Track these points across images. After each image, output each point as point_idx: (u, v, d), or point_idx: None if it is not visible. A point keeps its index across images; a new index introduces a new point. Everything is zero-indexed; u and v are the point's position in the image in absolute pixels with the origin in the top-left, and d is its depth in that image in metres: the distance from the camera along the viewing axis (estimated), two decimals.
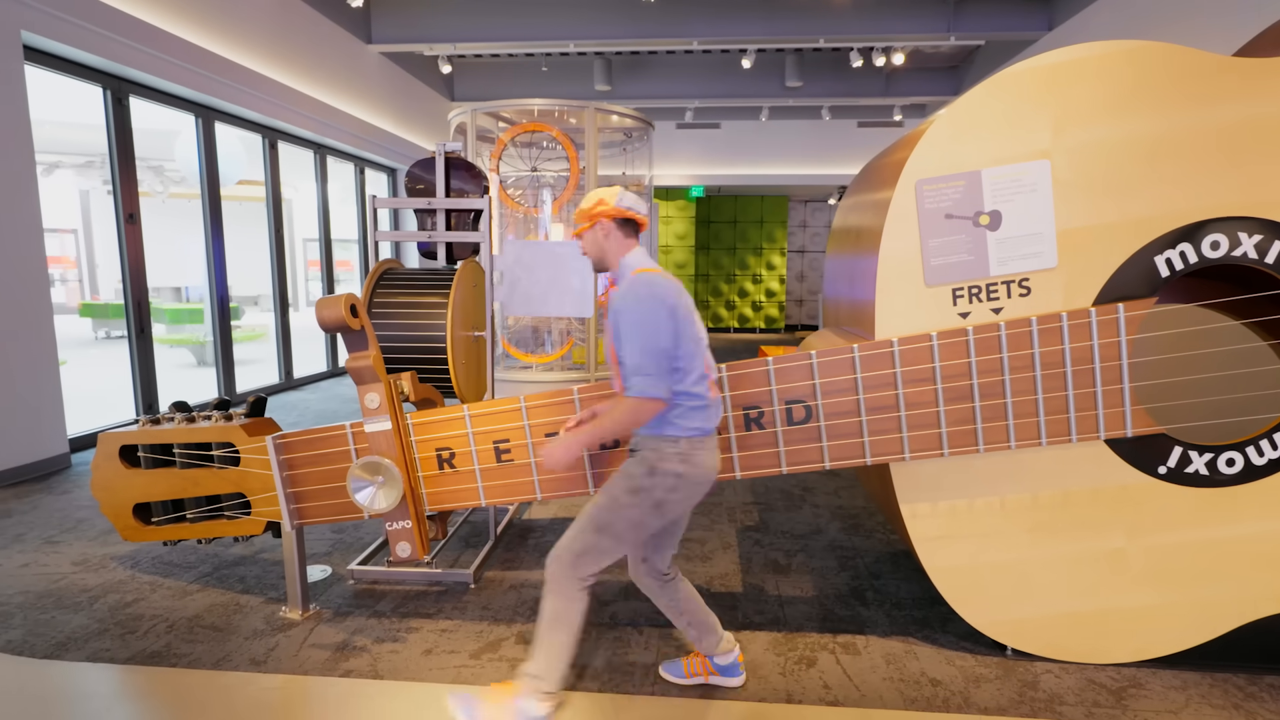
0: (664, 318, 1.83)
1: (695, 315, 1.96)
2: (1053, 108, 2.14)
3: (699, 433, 1.93)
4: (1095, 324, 2.16)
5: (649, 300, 1.84)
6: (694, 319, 1.94)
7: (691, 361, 1.91)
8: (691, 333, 1.91)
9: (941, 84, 10.60)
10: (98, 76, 5.08)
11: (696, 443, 1.93)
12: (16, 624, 2.60)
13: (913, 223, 2.22)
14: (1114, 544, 2.29)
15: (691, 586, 2.23)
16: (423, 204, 3.17)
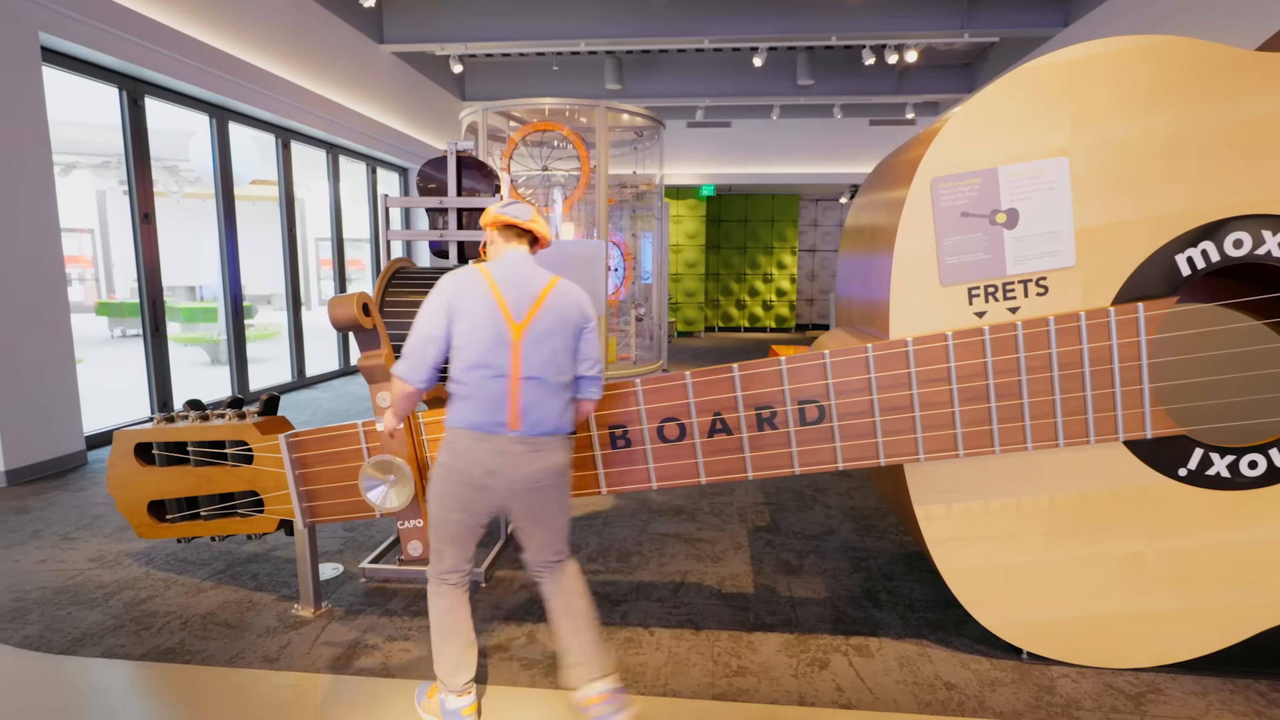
0: (437, 307, 1.91)
1: (497, 310, 1.89)
2: (1071, 104, 2.11)
3: (460, 423, 1.91)
4: (1114, 324, 2.13)
5: (433, 290, 1.96)
6: (491, 313, 1.88)
7: (461, 352, 1.89)
8: (471, 325, 1.88)
9: (955, 82, 10.51)
10: (114, 77, 5.13)
11: (459, 434, 1.91)
12: (34, 619, 2.62)
13: (928, 221, 2.20)
14: (1132, 547, 2.26)
15: (571, 601, 2.03)
16: (434, 203, 3.17)
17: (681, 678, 2.28)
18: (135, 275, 5.50)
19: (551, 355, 1.92)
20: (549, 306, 1.93)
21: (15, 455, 4.23)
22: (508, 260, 2.00)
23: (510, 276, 1.96)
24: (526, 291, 1.94)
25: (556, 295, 1.95)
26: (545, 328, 1.92)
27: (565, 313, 1.95)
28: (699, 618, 2.66)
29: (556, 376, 1.93)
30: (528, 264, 2.01)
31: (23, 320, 4.28)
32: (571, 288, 2.01)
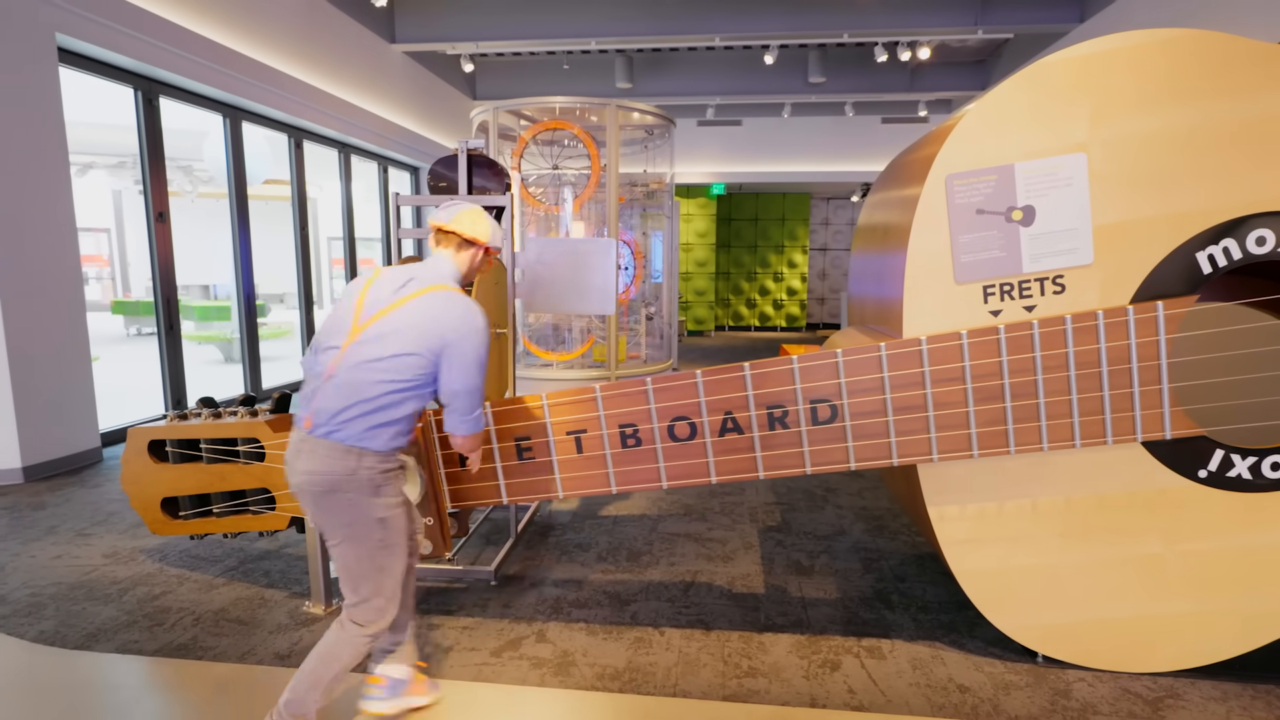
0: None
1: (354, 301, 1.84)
2: (1089, 99, 2.08)
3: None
4: (1133, 322, 2.10)
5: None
6: (348, 308, 1.83)
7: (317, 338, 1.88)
8: (330, 317, 1.86)
9: (968, 79, 10.41)
10: (129, 78, 5.17)
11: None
12: (49, 614, 2.65)
13: (943, 218, 2.17)
14: (1150, 549, 2.22)
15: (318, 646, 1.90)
16: (445, 200, 3.17)
17: (692, 678, 2.26)
18: (150, 274, 5.55)
19: (377, 363, 1.75)
20: (400, 315, 1.78)
21: (32, 452, 4.28)
22: (422, 264, 1.93)
23: (393, 278, 1.85)
24: (389, 295, 1.81)
25: (416, 306, 1.78)
26: (381, 334, 1.77)
27: (421, 326, 1.77)
28: (709, 618, 2.65)
29: (375, 387, 1.75)
30: (428, 269, 1.90)
31: (40, 318, 4.33)
32: (444, 304, 1.79)
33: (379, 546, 1.82)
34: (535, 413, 2.41)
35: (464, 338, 1.79)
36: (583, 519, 3.71)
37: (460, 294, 1.87)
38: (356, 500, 1.77)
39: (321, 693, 1.86)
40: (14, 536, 3.39)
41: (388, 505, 1.82)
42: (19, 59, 4.19)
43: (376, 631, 1.87)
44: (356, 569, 1.83)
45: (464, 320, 1.80)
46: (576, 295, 3.47)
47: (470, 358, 1.80)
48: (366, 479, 1.77)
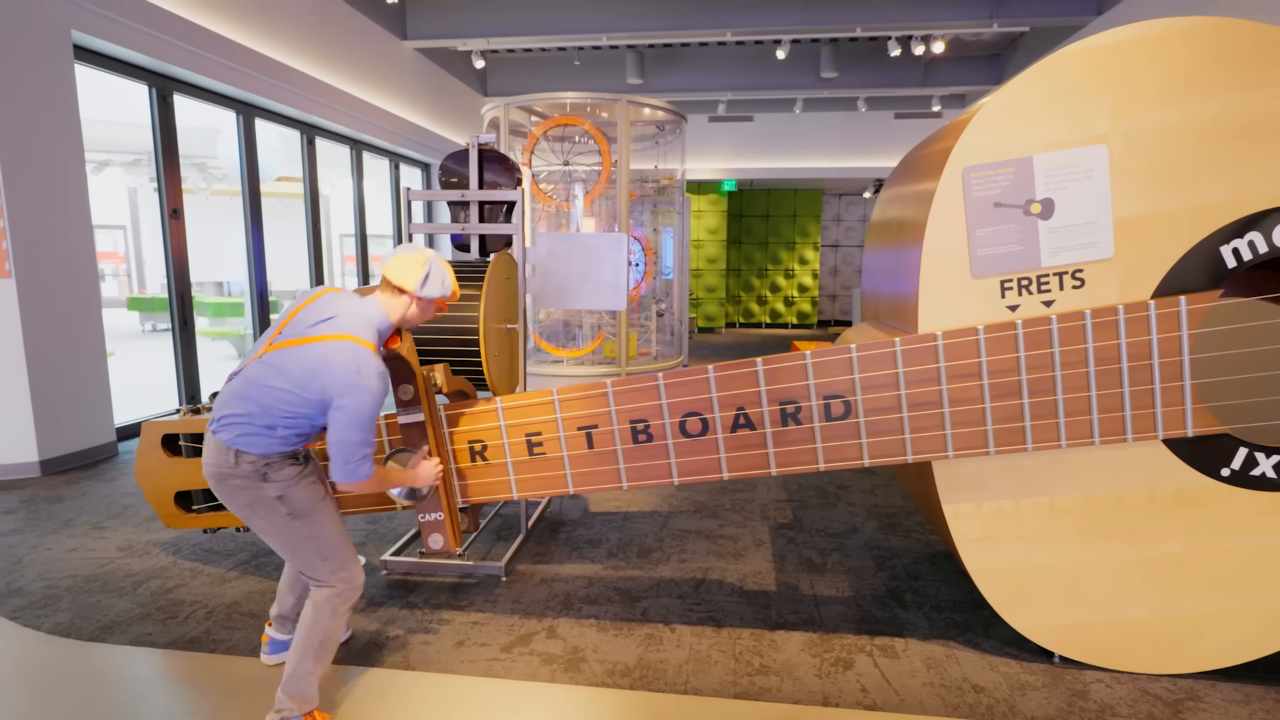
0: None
1: (287, 314, 1.93)
2: (1111, 90, 2.04)
3: None
4: (1154, 317, 2.06)
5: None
6: (283, 315, 1.94)
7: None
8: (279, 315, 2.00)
9: (982, 73, 10.30)
10: (144, 75, 5.21)
11: None
12: (65, 606, 2.67)
13: (959, 212, 2.13)
14: (1171, 549, 2.18)
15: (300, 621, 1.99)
16: (456, 196, 3.17)
17: (703, 675, 2.25)
18: (164, 271, 5.59)
19: (269, 388, 1.83)
20: (300, 354, 1.82)
21: (49, 446, 4.32)
22: (352, 303, 1.93)
23: (320, 309, 1.89)
24: (307, 326, 1.86)
25: (315, 352, 1.81)
26: (281, 365, 1.83)
27: (311, 372, 1.80)
28: (720, 615, 2.63)
29: (263, 406, 1.83)
30: (350, 311, 1.89)
31: (57, 314, 4.37)
32: (337, 359, 1.79)
33: (289, 519, 1.89)
34: (546, 408, 2.40)
35: (344, 397, 1.79)
36: (593, 515, 3.71)
37: (360, 349, 1.82)
38: (245, 485, 1.87)
39: (314, 662, 1.92)
40: (31, 529, 3.43)
41: (280, 485, 1.88)
42: (36, 57, 4.22)
43: (343, 589, 1.94)
44: (286, 545, 1.93)
45: (348, 382, 1.78)
46: (588, 290, 3.46)
47: (346, 418, 1.79)
48: (249, 470, 1.86)
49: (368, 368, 1.81)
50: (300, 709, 1.92)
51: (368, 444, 1.84)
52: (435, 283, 1.96)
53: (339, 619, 1.96)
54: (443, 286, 1.98)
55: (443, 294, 1.98)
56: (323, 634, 1.93)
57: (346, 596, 1.96)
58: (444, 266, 2.00)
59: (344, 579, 1.95)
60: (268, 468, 1.87)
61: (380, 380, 1.83)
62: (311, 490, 1.94)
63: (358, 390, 1.79)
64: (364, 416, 1.80)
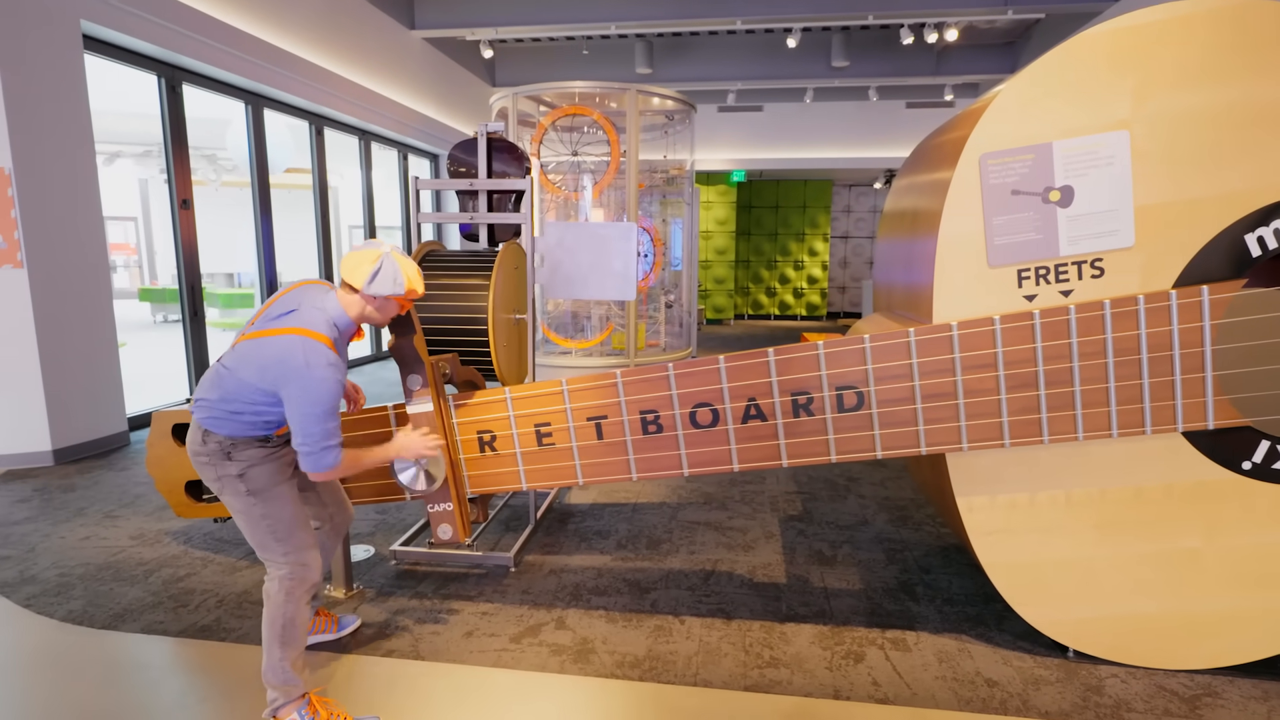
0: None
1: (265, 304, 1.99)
2: (1134, 74, 1.99)
3: None
4: (1175, 307, 2.01)
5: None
6: (262, 305, 2.00)
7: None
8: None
9: (996, 61, 10.16)
10: (153, 65, 5.20)
11: None
12: (78, 595, 2.69)
13: (976, 200, 2.09)
14: (1189, 544, 2.15)
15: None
16: (465, 185, 3.15)
17: (713, 667, 2.24)
18: (175, 262, 5.60)
19: (235, 376, 1.87)
20: (260, 347, 1.86)
21: (62, 435, 4.35)
22: (313, 297, 1.95)
23: (287, 302, 1.93)
24: (272, 318, 1.90)
25: (271, 345, 1.84)
26: (245, 355, 1.88)
27: (266, 366, 1.83)
28: (730, 607, 2.62)
29: (229, 392, 1.88)
30: (310, 306, 1.91)
31: (68, 305, 4.39)
32: (288, 353, 1.81)
33: (247, 496, 1.93)
34: (555, 398, 2.38)
35: (290, 387, 1.81)
36: (602, 506, 3.70)
37: (310, 341, 1.83)
38: (211, 462, 1.93)
39: (280, 648, 1.93)
40: (44, 518, 3.45)
41: (241, 464, 1.92)
42: (45, 47, 4.22)
43: (294, 569, 1.95)
44: (245, 523, 1.96)
45: (295, 373, 1.81)
46: (597, 280, 3.44)
47: (297, 410, 1.81)
48: (215, 449, 1.92)
49: (316, 358, 1.81)
50: (287, 696, 1.93)
51: (328, 434, 1.84)
52: (385, 280, 1.90)
53: (294, 603, 1.95)
54: (394, 284, 1.91)
55: (393, 292, 1.92)
56: (283, 619, 1.94)
57: (299, 578, 1.95)
58: (398, 263, 1.93)
59: (295, 561, 1.95)
60: (232, 447, 1.92)
61: (331, 370, 1.83)
62: (272, 471, 1.96)
63: (304, 380, 1.80)
64: (317, 406, 1.81)
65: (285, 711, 1.92)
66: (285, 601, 1.94)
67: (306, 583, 1.97)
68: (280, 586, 1.94)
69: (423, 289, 2.01)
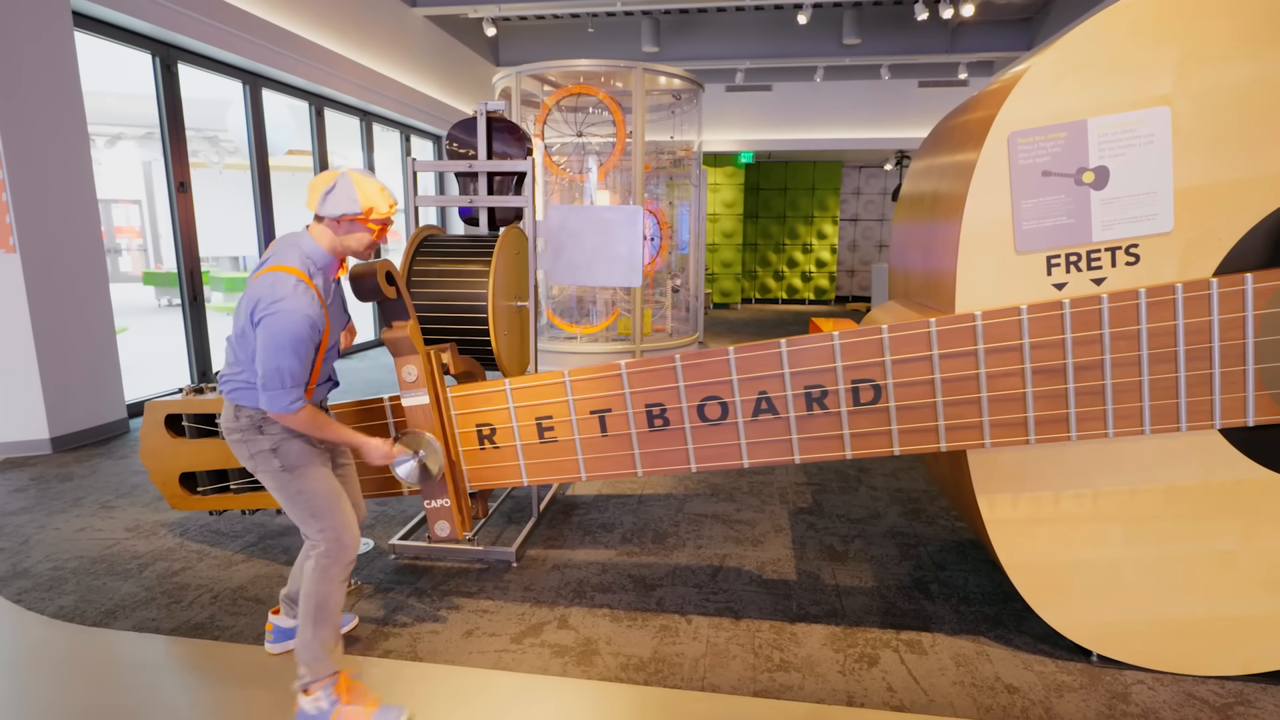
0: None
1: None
2: (1177, 44, 1.85)
3: None
4: (1216, 297, 1.89)
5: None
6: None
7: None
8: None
9: (1012, 38, 9.88)
10: (146, 43, 5.07)
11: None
12: (70, 589, 2.63)
13: (1004, 182, 1.97)
14: (1224, 545, 2.04)
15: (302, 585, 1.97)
16: (463, 166, 3.03)
17: (721, 670, 2.15)
18: (173, 246, 5.51)
19: (241, 338, 1.84)
20: (245, 293, 1.83)
21: (60, 423, 4.30)
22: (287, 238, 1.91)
23: (269, 253, 1.89)
24: (256, 269, 1.86)
25: (251, 286, 1.80)
26: (238, 309, 1.84)
27: (246, 305, 1.80)
28: (738, 605, 2.53)
29: (237, 355, 1.87)
30: (284, 246, 1.87)
31: (64, 290, 4.31)
32: (264, 285, 1.76)
33: (282, 472, 1.90)
34: (557, 390, 2.29)
35: (264, 316, 1.74)
36: (607, 498, 3.61)
37: (280, 274, 1.77)
38: (245, 438, 1.90)
39: (312, 627, 1.89)
40: (40, 508, 3.40)
41: (274, 438, 1.89)
42: (33, 23, 4.10)
43: (331, 548, 1.92)
44: (283, 499, 1.94)
45: (269, 302, 1.74)
46: (602, 266, 3.32)
47: (266, 338, 1.74)
48: (247, 424, 1.89)
49: (283, 287, 1.75)
50: (315, 675, 1.90)
51: (290, 373, 1.75)
52: (338, 199, 1.80)
53: (330, 582, 1.92)
54: (349, 202, 1.79)
55: (348, 210, 1.80)
56: (316, 598, 1.91)
57: (335, 557, 1.92)
58: (355, 181, 1.81)
59: (331, 539, 1.92)
60: (264, 420, 1.89)
61: (300, 300, 1.75)
62: (305, 447, 1.93)
63: (271, 309, 1.73)
64: (282, 339, 1.73)
65: (314, 688, 1.90)
66: (320, 580, 1.91)
67: (341, 561, 1.93)
68: (316, 564, 1.92)
69: (388, 208, 1.88)
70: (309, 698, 1.89)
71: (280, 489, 1.92)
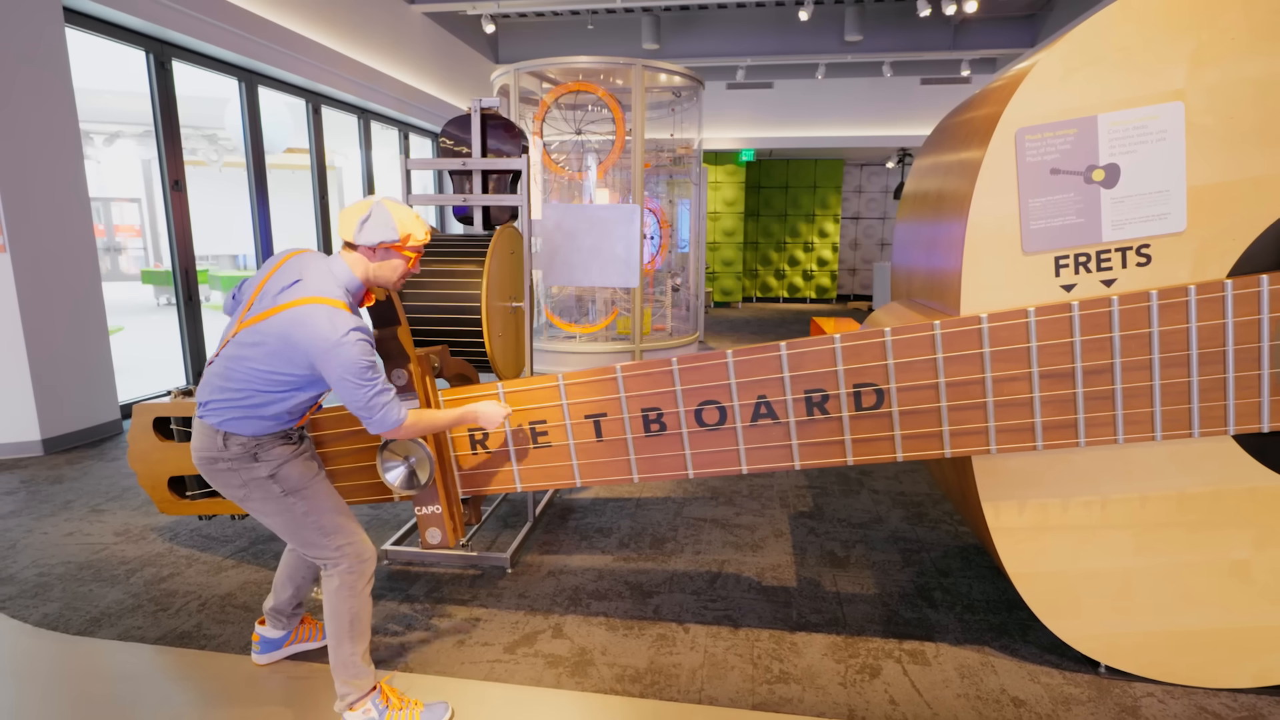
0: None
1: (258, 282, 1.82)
2: (1191, 37, 1.78)
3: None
4: (1231, 299, 1.83)
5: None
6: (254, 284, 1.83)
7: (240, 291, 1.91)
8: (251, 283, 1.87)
9: (1015, 35, 9.80)
10: (140, 40, 5.02)
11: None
12: (55, 596, 2.57)
13: (1010, 180, 1.91)
14: (1237, 555, 1.98)
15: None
16: (457, 164, 2.97)
17: (719, 682, 2.10)
18: (168, 245, 5.46)
19: (251, 366, 1.73)
20: (273, 324, 1.71)
21: (51, 424, 4.24)
22: (319, 263, 1.80)
23: (288, 273, 1.77)
24: (274, 295, 1.74)
25: (285, 319, 1.70)
26: (257, 339, 1.72)
27: (287, 341, 1.70)
28: (737, 614, 2.48)
29: (247, 384, 1.74)
30: (318, 271, 1.77)
31: (56, 290, 4.25)
32: (308, 322, 1.68)
33: (284, 497, 1.83)
34: (551, 394, 2.23)
35: (329, 361, 1.68)
36: (604, 501, 3.56)
37: (327, 307, 1.70)
38: (235, 467, 1.80)
39: (351, 643, 1.86)
40: (29, 512, 3.35)
41: (270, 464, 1.81)
42: (22, 19, 4.04)
43: (352, 564, 1.87)
44: (287, 525, 1.86)
45: (330, 346, 1.67)
46: (599, 266, 3.26)
47: (343, 382, 1.70)
48: (239, 452, 1.79)
49: (343, 323, 1.69)
50: (360, 691, 1.87)
51: (380, 391, 1.74)
52: (375, 227, 1.76)
53: (358, 597, 1.88)
54: (386, 230, 1.77)
55: (384, 238, 1.77)
56: (350, 615, 1.86)
57: (359, 572, 1.88)
58: (390, 209, 1.78)
59: (350, 553, 1.87)
60: (258, 448, 1.81)
61: (361, 332, 1.73)
62: (304, 467, 1.88)
63: (341, 349, 1.68)
64: (353, 371, 1.70)
65: (359, 704, 1.86)
66: (350, 596, 1.86)
67: (367, 573, 1.89)
68: (342, 582, 1.86)
69: (424, 235, 1.86)
70: (356, 713, 1.86)
71: (282, 513, 1.84)
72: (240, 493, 1.83)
